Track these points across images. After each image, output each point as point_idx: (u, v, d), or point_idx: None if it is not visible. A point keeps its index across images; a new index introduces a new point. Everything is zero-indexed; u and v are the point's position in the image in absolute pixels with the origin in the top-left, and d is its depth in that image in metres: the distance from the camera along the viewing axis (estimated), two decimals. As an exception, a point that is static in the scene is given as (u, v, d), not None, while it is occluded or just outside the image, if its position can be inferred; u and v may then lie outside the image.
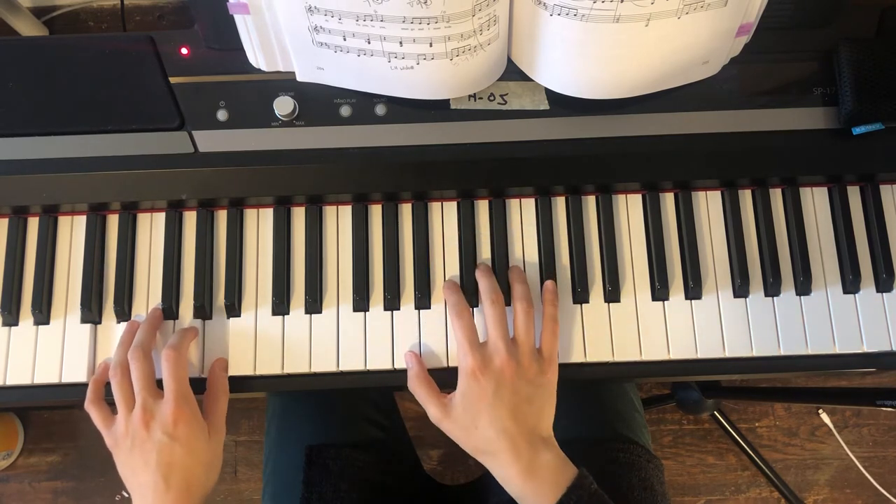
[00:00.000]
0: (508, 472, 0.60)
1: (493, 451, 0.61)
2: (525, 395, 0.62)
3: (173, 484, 0.60)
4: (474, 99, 0.68)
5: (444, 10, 0.56)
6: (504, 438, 0.60)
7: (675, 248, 0.70)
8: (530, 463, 0.60)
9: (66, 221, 0.70)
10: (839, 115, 0.67)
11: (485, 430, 0.61)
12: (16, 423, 1.41)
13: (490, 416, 0.60)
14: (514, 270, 0.68)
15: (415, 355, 0.66)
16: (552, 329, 0.66)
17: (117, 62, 0.69)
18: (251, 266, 0.70)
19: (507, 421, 0.60)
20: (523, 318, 0.64)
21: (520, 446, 0.60)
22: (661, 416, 1.45)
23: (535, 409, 0.62)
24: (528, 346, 0.63)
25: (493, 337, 0.63)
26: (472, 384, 0.61)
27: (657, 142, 0.68)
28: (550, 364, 0.64)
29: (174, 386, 0.62)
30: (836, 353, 0.68)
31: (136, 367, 0.63)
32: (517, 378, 0.62)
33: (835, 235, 0.70)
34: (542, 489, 0.59)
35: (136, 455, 0.61)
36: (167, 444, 0.61)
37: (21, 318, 0.68)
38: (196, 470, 0.62)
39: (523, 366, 0.62)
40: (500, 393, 0.61)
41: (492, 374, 0.61)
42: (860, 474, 1.44)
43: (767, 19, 0.64)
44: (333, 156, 0.67)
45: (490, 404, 0.61)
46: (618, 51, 0.61)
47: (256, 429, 1.43)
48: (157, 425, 0.61)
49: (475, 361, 0.62)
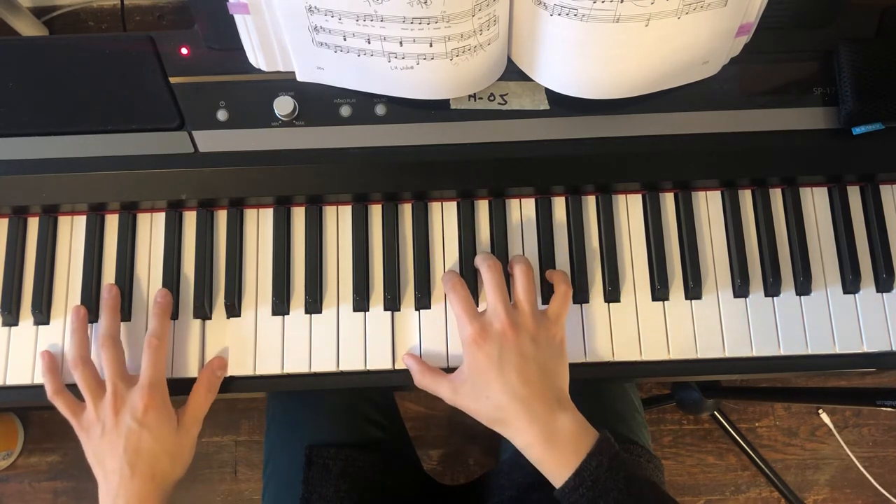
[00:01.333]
0: (526, 438, 0.58)
1: (508, 417, 0.59)
2: (532, 356, 0.60)
3: (138, 470, 0.61)
4: (474, 99, 0.68)
5: (444, 10, 0.56)
6: (516, 402, 0.58)
7: (675, 248, 0.70)
8: (547, 426, 0.58)
9: (66, 221, 0.70)
10: (839, 115, 0.67)
11: (496, 397, 0.59)
12: (16, 423, 1.41)
13: (499, 383, 0.59)
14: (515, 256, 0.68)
15: (412, 356, 0.66)
16: (564, 293, 0.65)
17: (117, 62, 0.69)
18: (251, 266, 0.70)
19: (517, 384, 0.58)
20: (522, 279, 0.63)
21: (535, 409, 0.58)
22: (661, 416, 1.45)
23: (545, 370, 0.60)
24: (529, 306, 0.62)
25: (491, 301, 0.62)
26: (476, 352, 0.60)
27: (657, 142, 0.68)
28: (556, 322, 0.63)
29: (150, 373, 0.63)
30: (836, 353, 0.68)
31: (107, 355, 0.63)
32: (521, 339, 0.60)
33: (835, 235, 0.70)
34: (563, 454, 0.57)
35: (105, 441, 0.62)
36: (135, 430, 0.61)
37: (21, 318, 0.68)
38: (162, 458, 0.62)
39: (526, 327, 0.61)
40: (505, 356, 0.59)
41: (494, 339, 0.60)
42: (860, 474, 1.44)
43: (767, 19, 0.64)
44: (333, 156, 0.67)
45: (497, 369, 0.59)
46: (618, 51, 0.61)
47: (256, 429, 1.43)
48: (127, 412, 0.62)
49: (475, 329, 0.60)
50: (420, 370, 0.65)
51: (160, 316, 0.66)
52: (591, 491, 0.56)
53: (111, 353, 0.64)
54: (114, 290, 0.67)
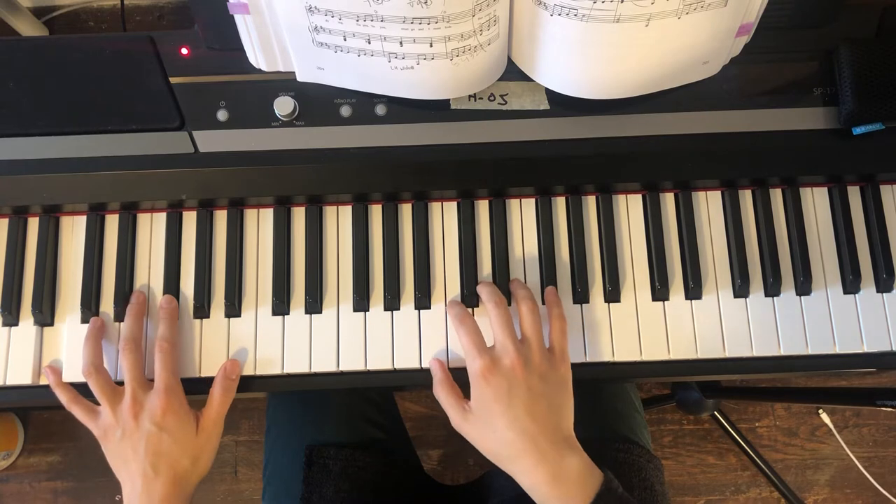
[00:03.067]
0: (534, 478, 0.58)
1: (515, 454, 0.59)
2: (540, 392, 0.60)
3: (161, 472, 0.62)
4: (474, 99, 0.68)
5: (444, 10, 0.56)
6: (525, 439, 0.58)
7: (675, 248, 0.70)
8: (556, 466, 0.58)
9: (67, 221, 0.70)
10: (839, 115, 0.67)
11: (503, 433, 0.59)
12: (16, 423, 1.41)
13: (507, 417, 0.59)
14: (514, 281, 0.68)
15: (440, 362, 0.66)
16: (560, 326, 0.65)
17: (117, 62, 0.68)
18: (251, 266, 0.70)
19: (525, 420, 0.58)
20: (530, 317, 0.63)
21: (543, 448, 0.58)
22: (661, 416, 1.45)
23: (553, 407, 0.60)
24: (537, 343, 0.62)
25: (499, 337, 0.62)
26: (484, 386, 0.60)
27: (657, 142, 0.68)
28: (563, 360, 0.63)
29: (165, 377, 0.63)
30: (836, 353, 0.68)
31: (127, 359, 0.64)
32: (530, 375, 0.60)
33: (835, 235, 0.70)
34: (569, 496, 0.57)
35: (126, 444, 0.62)
36: (155, 433, 0.62)
37: (21, 318, 0.68)
38: (183, 460, 0.63)
39: (534, 363, 0.61)
40: (514, 392, 0.59)
41: (503, 374, 0.60)
42: (860, 474, 1.44)
43: (767, 19, 0.64)
44: (333, 156, 0.67)
45: (505, 404, 0.59)
46: (618, 51, 0.61)
47: (256, 429, 1.43)
48: (146, 416, 0.62)
49: (484, 363, 0.60)
50: (441, 380, 0.64)
51: (168, 320, 0.66)
52: None
53: (132, 358, 0.64)
54: (141, 296, 0.68)
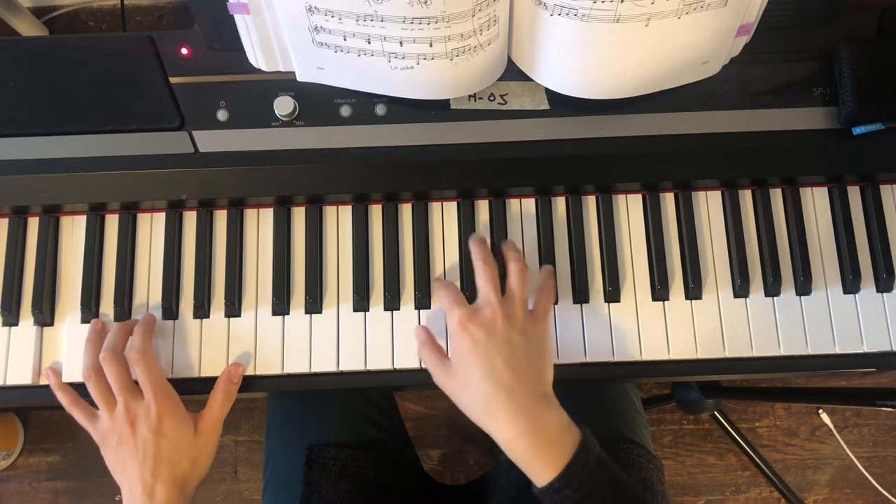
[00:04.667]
0: (510, 431, 0.56)
1: (491, 407, 0.57)
2: (521, 346, 0.58)
3: (161, 477, 0.61)
4: (474, 99, 0.68)
5: (444, 10, 0.56)
6: (501, 390, 0.56)
7: (675, 248, 0.70)
8: (533, 422, 0.56)
9: (67, 221, 0.70)
10: (839, 115, 0.67)
11: (480, 384, 0.57)
12: (16, 423, 1.41)
13: (484, 368, 0.57)
14: (506, 243, 0.67)
15: (424, 328, 0.66)
16: (548, 293, 0.65)
17: (117, 62, 0.68)
18: (251, 266, 0.70)
19: (503, 372, 0.57)
20: (517, 274, 0.63)
21: (520, 400, 0.56)
22: (661, 416, 1.45)
23: (533, 362, 0.59)
24: (521, 299, 0.62)
25: (483, 290, 0.61)
26: (462, 335, 0.59)
27: (657, 142, 0.68)
28: (544, 319, 0.63)
29: (151, 385, 0.63)
30: (836, 353, 0.68)
31: (110, 371, 0.63)
32: (510, 328, 0.59)
33: (835, 235, 0.70)
34: (547, 452, 0.56)
35: (124, 450, 0.62)
36: (152, 440, 0.61)
37: (21, 318, 0.68)
38: (182, 463, 0.63)
39: (516, 317, 0.60)
40: (492, 341, 0.58)
41: (482, 323, 0.59)
42: (860, 474, 1.44)
43: (767, 19, 0.64)
44: (333, 156, 0.67)
45: (483, 354, 0.58)
46: (618, 51, 0.61)
47: (256, 429, 1.43)
48: (142, 423, 0.62)
49: (462, 312, 0.59)
50: (425, 340, 0.65)
51: (143, 331, 0.65)
52: (577, 493, 0.55)
53: (115, 368, 0.63)
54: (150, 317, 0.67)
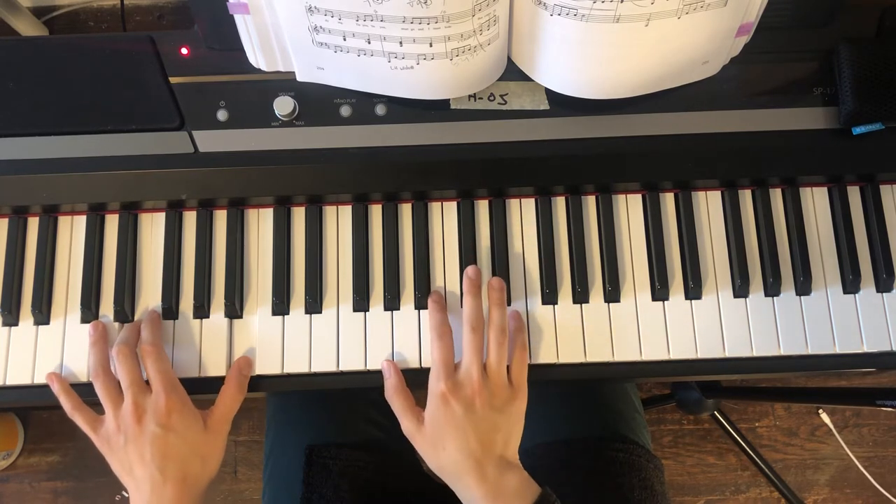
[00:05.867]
0: (474, 494, 0.60)
1: (459, 473, 0.61)
2: (493, 423, 0.62)
3: (170, 475, 0.60)
4: (474, 99, 0.68)
5: (444, 10, 0.56)
6: (470, 461, 0.60)
7: (675, 248, 0.70)
8: (496, 486, 0.60)
9: (66, 221, 0.70)
10: (839, 115, 0.67)
11: (452, 453, 0.61)
12: (16, 423, 1.41)
13: (458, 440, 0.61)
14: (492, 289, 0.66)
15: (392, 365, 0.66)
16: (522, 357, 0.66)
17: (117, 62, 0.68)
18: (251, 266, 0.70)
19: (473, 445, 0.61)
20: (496, 349, 0.64)
21: (486, 469, 0.60)
22: (661, 416, 1.45)
23: (502, 437, 0.62)
24: (499, 377, 0.64)
25: (467, 362, 0.63)
26: (443, 407, 0.62)
27: (657, 142, 0.68)
28: (520, 392, 0.64)
29: (161, 378, 0.62)
30: (836, 353, 0.68)
31: (123, 364, 0.63)
32: (487, 407, 0.62)
33: (835, 235, 0.70)
34: None
35: (131, 450, 0.61)
36: (161, 435, 0.61)
37: (21, 318, 0.68)
38: (192, 460, 0.62)
39: (494, 395, 0.63)
40: (469, 418, 0.61)
41: (462, 400, 0.62)
42: (860, 474, 1.44)
43: (767, 19, 0.64)
44: (333, 156, 0.67)
45: (458, 428, 0.61)
46: (618, 51, 0.61)
47: (256, 429, 1.43)
48: (150, 418, 0.61)
49: (447, 387, 0.62)
50: (394, 385, 0.65)
51: (151, 325, 0.66)
52: None
53: (128, 361, 0.63)
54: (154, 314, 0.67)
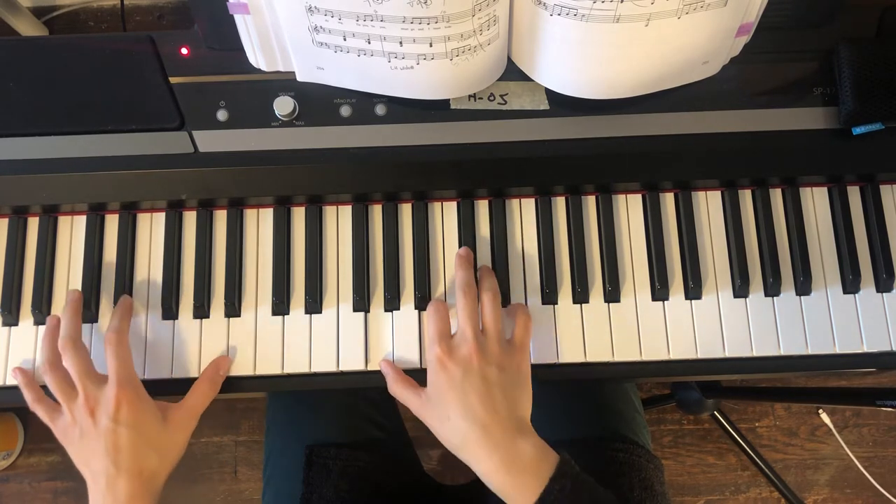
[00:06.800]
0: (487, 466, 0.58)
1: (467, 443, 0.59)
2: (496, 381, 0.60)
3: (123, 468, 0.60)
4: (474, 99, 0.68)
5: (444, 10, 0.56)
6: (476, 428, 0.58)
7: (675, 248, 0.70)
8: (508, 453, 0.58)
9: (66, 221, 0.70)
10: (839, 115, 0.67)
11: (457, 421, 0.59)
12: (16, 423, 1.41)
13: (460, 406, 0.59)
14: (483, 269, 0.68)
15: (388, 362, 0.66)
16: (525, 322, 0.65)
17: (117, 62, 0.68)
18: (251, 266, 0.70)
19: (478, 409, 0.59)
20: (490, 306, 0.63)
21: (495, 435, 0.58)
22: (661, 416, 1.45)
23: (508, 396, 0.60)
24: (495, 333, 0.63)
25: (461, 326, 0.62)
26: (440, 373, 0.61)
27: (657, 142, 0.68)
28: (521, 351, 0.63)
29: (116, 368, 0.62)
30: (836, 353, 0.68)
31: (69, 358, 0.62)
32: (485, 364, 0.60)
33: (835, 235, 0.70)
34: (525, 481, 0.57)
35: (86, 443, 0.61)
36: (113, 429, 0.60)
37: (21, 318, 0.68)
38: (147, 454, 0.61)
39: (491, 352, 0.61)
40: (468, 379, 0.60)
41: (458, 362, 0.60)
42: (860, 474, 1.44)
43: (767, 19, 0.64)
44: (333, 156, 0.67)
45: (459, 391, 0.59)
46: (618, 51, 0.61)
47: (256, 429, 1.43)
48: (102, 411, 0.61)
49: (442, 350, 0.61)
50: (394, 378, 0.65)
51: (119, 313, 0.65)
52: None
53: (74, 355, 0.62)
54: (76, 294, 0.66)
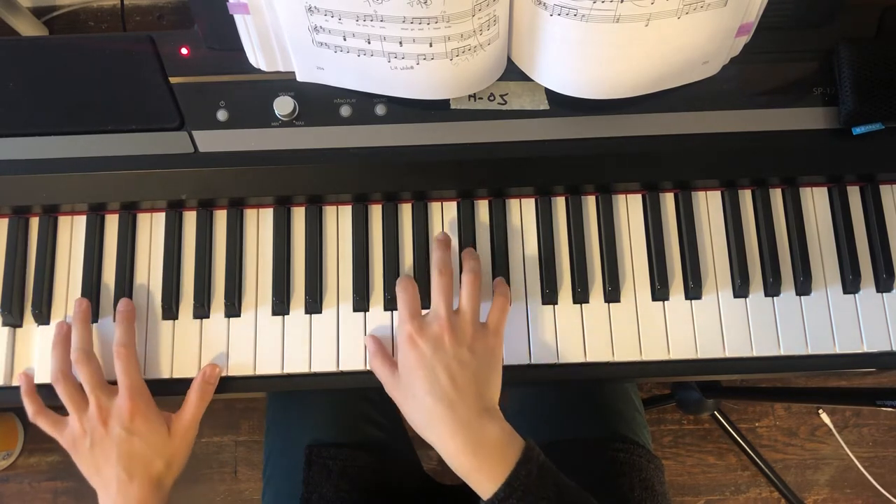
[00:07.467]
0: (452, 446, 0.57)
1: (433, 421, 0.57)
2: (466, 361, 0.59)
3: (136, 475, 0.61)
4: (474, 99, 0.68)
5: (444, 10, 0.56)
6: (442, 405, 0.57)
7: (675, 248, 0.70)
8: (474, 434, 0.56)
9: (66, 221, 0.70)
10: (839, 115, 0.67)
11: (423, 398, 0.58)
12: (16, 423, 1.41)
13: (427, 383, 0.58)
14: (466, 251, 0.67)
15: (373, 337, 0.66)
16: (502, 305, 0.65)
17: (117, 62, 0.68)
18: (251, 266, 0.70)
19: (445, 385, 0.57)
20: (468, 287, 0.63)
21: (460, 414, 0.57)
22: (661, 416, 1.45)
23: (478, 377, 0.59)
24: (470, 313, 0.62)
25: (435, 303, 0.62)
26: (409, 350, 0.60)
27: (657, 142, 0.68)
28: (495, 334, 0.63)
29: (127, 381, 0.63)
30: (836, 353, 0.68)
31: (82, 370, 0.63)
32: (457, 344, 0.59)
33: (835, 235, 0.70)
34: (490, 464, 0.56)
35: (97, 452, 0.62)
36: (126, 438, 0.62)
37: (24, 318, 0.68)
38: (156, 462, 0.63)
39: (464, 332, 0.60)
40: (437, 356, 0.59)
41: (429, 339, 0.59)
42: (860, 474, 1.44)
43: (767, 19, 0.64)
44: (333, 156, 0.67)
45: (427, 367, 0.58)
46: (618, 51, 0.61)
47: (256, 429, 1.43)
48: (115, 421, 0.62)
49: (413, 327, 0.60)
50: (375, 351, 0.65)
51: (124, 324, 0.66)
52: (521, 501, 0.54)
53: (87, 367, 0.63)
54: (84, 303, 0.66)
